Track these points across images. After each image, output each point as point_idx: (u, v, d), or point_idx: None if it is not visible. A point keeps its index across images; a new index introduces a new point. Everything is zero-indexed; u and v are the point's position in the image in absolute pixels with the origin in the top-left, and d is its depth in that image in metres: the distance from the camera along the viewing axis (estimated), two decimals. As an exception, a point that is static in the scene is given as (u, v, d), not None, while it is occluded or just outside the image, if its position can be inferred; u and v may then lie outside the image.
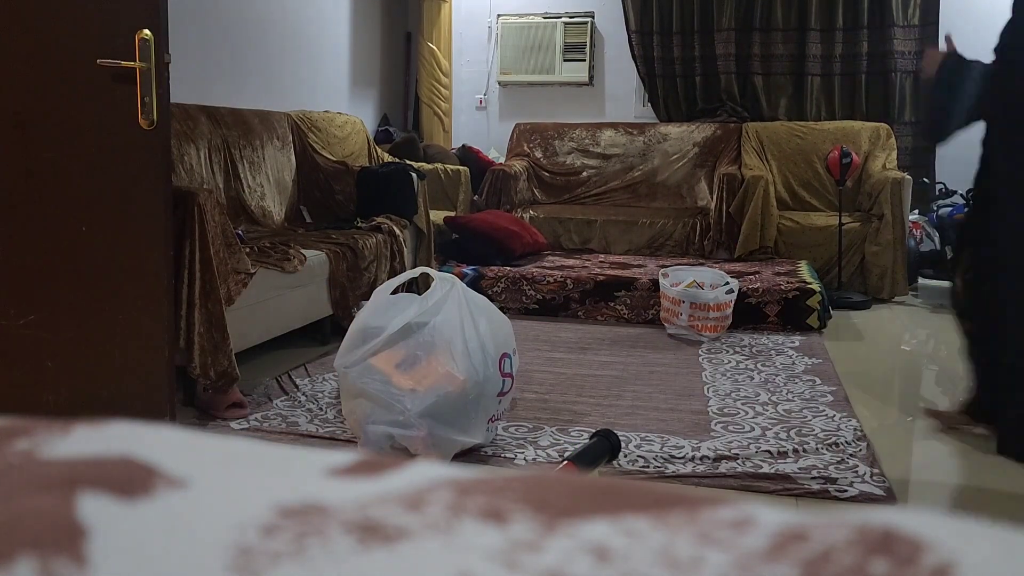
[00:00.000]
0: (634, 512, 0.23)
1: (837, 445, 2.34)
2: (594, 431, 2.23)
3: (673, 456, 2.26)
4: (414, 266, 4.01)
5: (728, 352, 3.38)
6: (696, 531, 0.22)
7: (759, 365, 3.19)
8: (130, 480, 0.25)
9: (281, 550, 0.22)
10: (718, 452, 2.28)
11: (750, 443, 2.35)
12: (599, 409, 2.66)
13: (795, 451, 2.29)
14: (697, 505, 0.24)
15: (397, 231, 3.86)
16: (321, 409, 2.64)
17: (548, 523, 0.23)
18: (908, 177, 4.60)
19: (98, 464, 0.26)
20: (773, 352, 3.38)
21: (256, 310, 2.92)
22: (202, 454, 0.27)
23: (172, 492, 0.25)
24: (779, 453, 2.28)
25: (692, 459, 2.25)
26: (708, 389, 2.88)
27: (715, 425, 2.51)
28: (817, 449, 2.31)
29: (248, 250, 2.96)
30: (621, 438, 2.29)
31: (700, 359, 3.28)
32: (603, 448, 2.11)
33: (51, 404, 2.17)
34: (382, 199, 4.00)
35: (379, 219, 3.87)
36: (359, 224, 3.83)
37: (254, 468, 0.27)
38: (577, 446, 2.24)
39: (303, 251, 3.23)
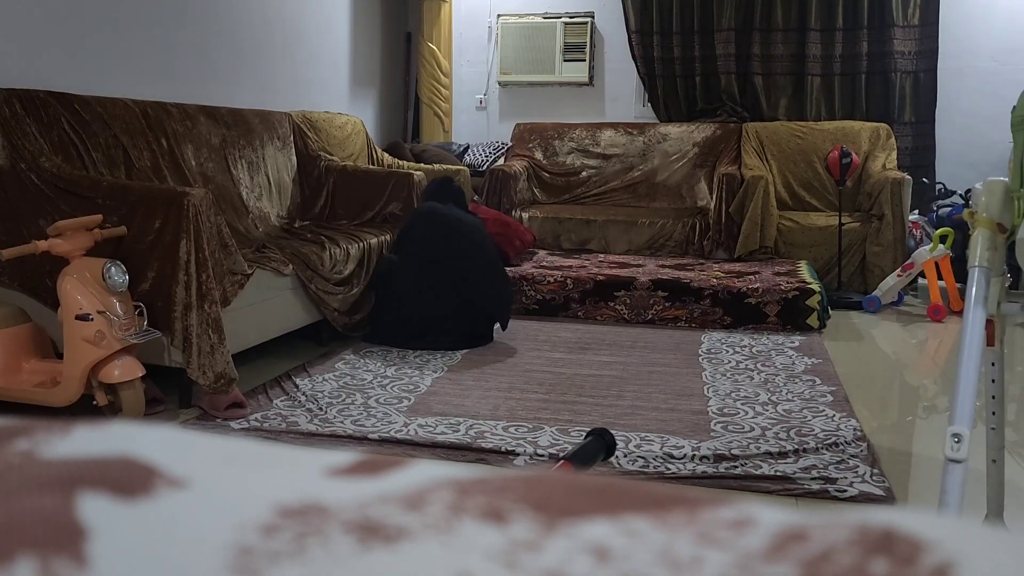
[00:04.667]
0: (634, 512, 0.23)
1: (837, 445, 2.34)
2: (589, 430, 2.24)
3: (673, 456, 2.27)
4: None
5: (728, 352, 3.39)
6: (696, 531, 0.22)
7: (759, 365, 3.19)
8: (130, 480, 0.25)
9: (281, 550, 0.22)
10: (718, 452, 2.28)
11: (750, 443, 2.35)
12: (599, 409, 2.67)
13: (795, 451, 2.29)
14: (697, 505, 0.24)
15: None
16: (321, 409, 2.64)
17: (548, 523, 0.23)
18: (908, 177, 4.60)
19: (98, 464, 0.26)
20: (773, 352, 3.38)
21: (254, 311, 2.92)
22: (202, 454, 0.27)
23: (172, 492, 0.25)
24: (779, 453, 2.28)
25: (692, 459, 2.25)
26: (708, 389, 2.88)
27: (715, 425, 2.51)
28: (817, 449, 2.31)
29: (245, 251, 2.97)
30: (621, 438, 2.30)
31: (700, 359, 3.28)
32: (598, 447, 2.11)
33: None
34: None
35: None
36: None
37: (254, 468, 0.27)
38: (573, 445, 2.24)
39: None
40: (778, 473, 2.15)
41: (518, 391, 2.85)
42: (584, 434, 2.33)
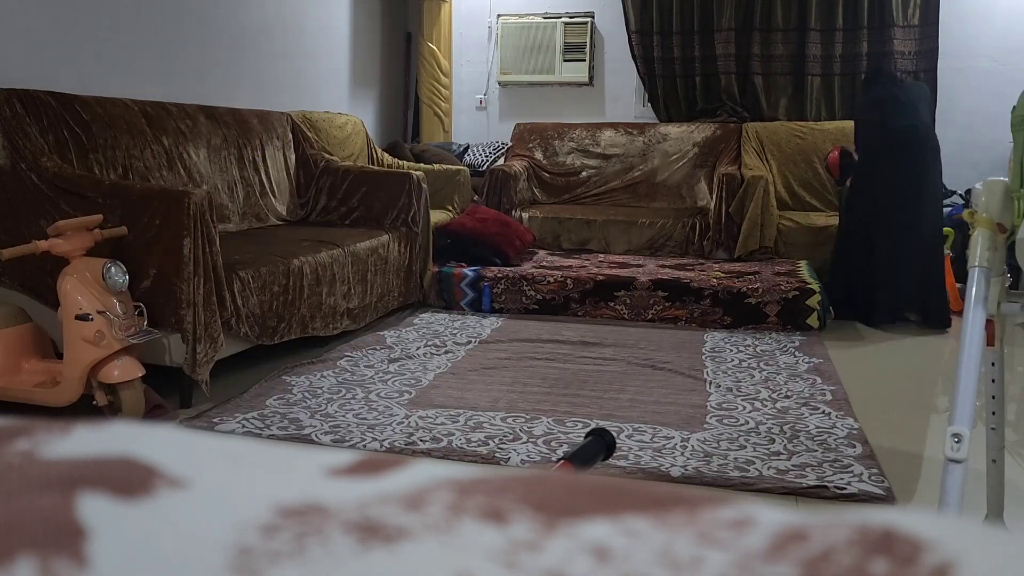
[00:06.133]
0: (634, 512, 0.23)
1: (835, 444, 2.34)
2: (589, 430, 2.25)
3: (664, 447, 2.29)
4: (419, 269, 4.01)
5: (731, 351, 3.40)
6: (696, 531, 0.22)
7: (760, 364, 3.20)
8: (130, 480, 0.25)
9: (281, 550, 0.22)
10: (709, 446, 2.29)
11: (741, 436, 2.35)
12: (599, 402, 2.69)
13: (792, 450, 2.29)
14: (697, 505, 0.24)
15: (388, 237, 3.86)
16: (320, 405, 2.64)
17: (548, 523, 0.23)
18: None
19: (98, 464, 0.26)
20: (774, 351, 3.39)
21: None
22: (202, 454, 0.27)
23: (172, 492, 0.25)
24: (776, 452, 2.28)
25: (683, 450, 2.26)
26: (709, 385, 2.88)
27: (710, 419, 2.53)
28: (814, 448, 2.31)
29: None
30: (615, 429, 2.32)
31: (703, 357, 3.28)
32: (598, 446, 2.13)
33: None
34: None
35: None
36: None
37: (254, 468, 0.27)
38: (573, 445, 2.25)
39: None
40: (776, 471, 2.16)
41: (520, 385, 2.87)
42: (584, 433, 2.34)
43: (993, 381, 1.72)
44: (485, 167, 5.47)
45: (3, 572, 0.21)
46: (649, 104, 5.83)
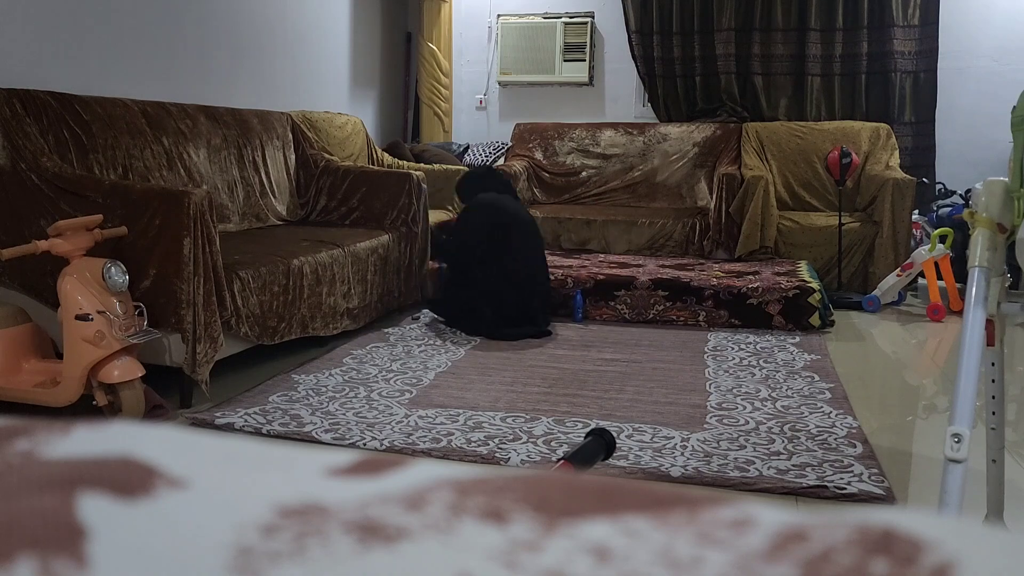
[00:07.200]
0: (634, 512, 0.23)
1: (834, 443, 2.34)
2: (589, 430, 2.25)
3: (664, 447, 2.29)
4: (413, 269, 4.01)
5: (733, 349, 3.40)
6: (696, 531, 0.22)
7: (761, 362, 3.20)
8: (130, 480, 0.25)
9: (281, 550, 0.22)
10: (709, 446, 2.29)
11: (741, 436, 2.35)
12: (599, 402, 2.69)
13: (792, 450, 2.29)
14: (697, 505, 0.24)
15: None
16: (322, 403, 2.64)
17: (548, 523, 0.23)
18: (909, 178, 4.59)
19: (98, 464, 0.26)
20: (775, 350, 3.39)
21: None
22: (202, 454, 0.27)
23: (172, 492, 0.25)
24: (776, 452, 2.28)
25: (683, 450, 2.26)
26: (710, 385, 2.88)
27: (710, 419, 2.53)
28: (814, 447, 2.31)
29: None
30: (614, 429, 2.32)
31: (705, 356, 3.29)
32: (598, 446, 2.13)
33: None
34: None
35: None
36: None
37: (254, 468, 0.27)
38: (573, 445, 2.25)
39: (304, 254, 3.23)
40: (776, 471, 2.15)
41: (520, 384, 2.88)
42: (584, 433, 2.34)
43: (993, 381, 1.72)
44: (485, 167, 5.46)
45: (3, 572, 0.21)
46: (649, 104, 5.83)
